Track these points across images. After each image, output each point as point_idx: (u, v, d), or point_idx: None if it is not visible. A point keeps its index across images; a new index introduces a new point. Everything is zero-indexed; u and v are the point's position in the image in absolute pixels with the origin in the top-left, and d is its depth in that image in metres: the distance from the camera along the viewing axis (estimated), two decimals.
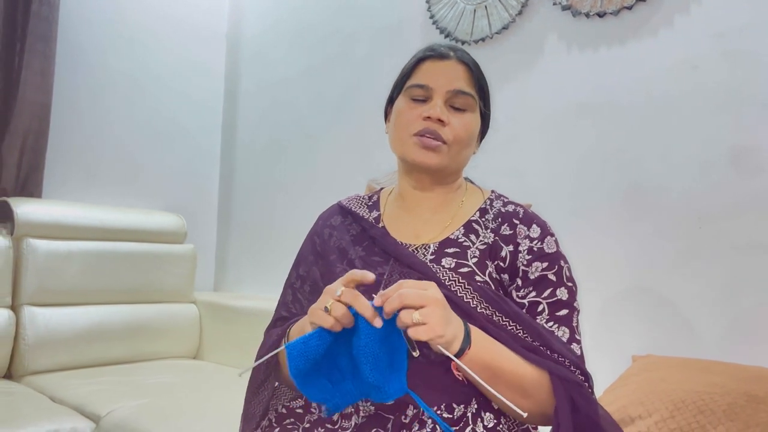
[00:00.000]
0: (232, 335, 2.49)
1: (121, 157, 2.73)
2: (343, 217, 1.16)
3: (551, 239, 1.04)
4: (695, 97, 1.64)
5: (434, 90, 1.01)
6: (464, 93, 1.02)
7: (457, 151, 1.03)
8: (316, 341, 0.83)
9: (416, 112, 1.02)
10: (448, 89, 1.01)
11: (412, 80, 1.04)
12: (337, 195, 2.51)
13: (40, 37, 2.36)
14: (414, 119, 1.01)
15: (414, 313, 0.79)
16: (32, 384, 2.03)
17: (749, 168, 1.55)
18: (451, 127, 1.01)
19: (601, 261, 1.78)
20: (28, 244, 2.18)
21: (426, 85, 1.02)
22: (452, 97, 1.01)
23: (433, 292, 0.82)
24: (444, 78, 1.01)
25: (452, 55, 1.03)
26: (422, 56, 1.04)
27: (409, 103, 1.03)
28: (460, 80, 1.02)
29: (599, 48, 1.82)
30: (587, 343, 1.68)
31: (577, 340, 1.00)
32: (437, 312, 0.80)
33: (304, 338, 0.84)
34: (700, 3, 1.64)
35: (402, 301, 0.79)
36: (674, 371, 1.40)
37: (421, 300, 0.80)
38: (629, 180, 1.75)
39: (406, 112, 1.03)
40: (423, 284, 0.83)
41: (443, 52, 1.04)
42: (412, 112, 1.02)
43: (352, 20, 2.54)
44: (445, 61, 1.03)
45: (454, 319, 0.85)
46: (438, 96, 1.01)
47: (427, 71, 1.03)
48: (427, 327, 0.79)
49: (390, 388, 0.83)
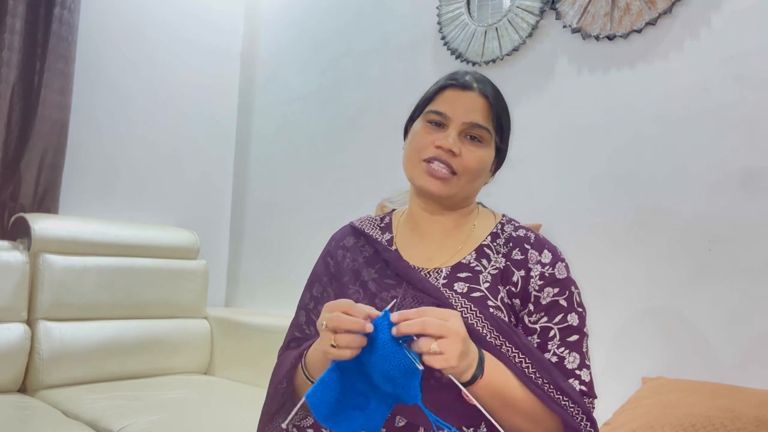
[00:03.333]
0: (243, 351, 2.51)
1: (136, 174, 2.77)
2: (356, 238, 1.18)
3: (562, 264, 1.05)
4: (705, 119, 1.65)
5: (451, 119, 1.03)
6: (480, 126, 1.03)
7: (466, 181, 1.04)
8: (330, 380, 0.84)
9: (430, 138, 1.03)
10: (465, 121, 1.02)
11: (432, 106, 1.05)
12: (349, 212, 2.55)
13: (60, 57, 2.42)
14: (427, 145, 1.03)
15: (433, 343, 0.80)
16: (46, 398, 2.05)
17: (760, 190, 1.56)
18: (462, 158, 1.02)
19: (612, 282, 1.79)
20: (44, 259, 2.21)
21: (444, 113, 1.03)
22: (468, 128, 1.03)
23: (455, 323, 0.83)
24: (462, 109, 1.03)
25: (475, 87, 1.04)
26: (445, 84, 1.06)
27: (425, 128, 1.05)
28: (477, 113, 1.03)
29: (609, 70, 1.84)
30: (598, 363, 1.68)
31: (586, 365, 1.01)
32: (456, 345, 0.81)
33: (319, 382, 0.85)
34: (710, 27, 1.66)
35: (424, 328, 0.81)
36: (684, 395, 1.40)
37: (441, 331, 0.81)
38: (640, 201, 1.76)
39: (420, 137, 1.05)
40: (446, 314, 0.85)
41: (466, 83, 1.05)
42: (426, 138, 1.04)
43: (365, 40, 2.58)
44: (466, 92, 1.04)
45: (472, 350, 0.87)
46: (454, 126, 1.02)
47: (447, 99, 1.04)
48: (442, 357, 0.81)
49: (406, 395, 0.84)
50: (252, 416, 1.20)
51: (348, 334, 0.83)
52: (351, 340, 0.83)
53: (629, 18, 1.77)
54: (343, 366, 0.85)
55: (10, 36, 2.31)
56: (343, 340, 0.83)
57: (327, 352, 0.85)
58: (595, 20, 1.84)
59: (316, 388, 0.85)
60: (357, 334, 0.83)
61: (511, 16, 2.04)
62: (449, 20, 2.21)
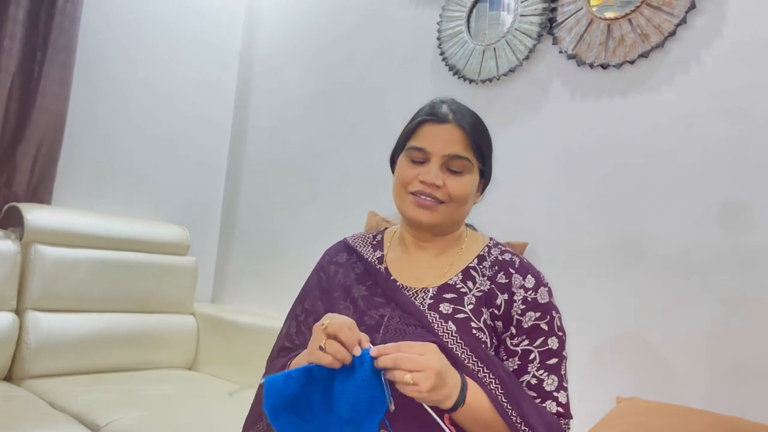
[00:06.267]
0: (228, 349, 2.55)
1: (130, 168, 2.79)
2: (348, 254, 1.22)
3: (545, 289, 1.10)
4: (690, 152, 1.71)
5: (432, 153, 1.08)
6: (459, 157, 1.08)
7: (452, 209, 1.10)
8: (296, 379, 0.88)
9: (414, 172, 1.09)
10: (444, 153, 1.07)
11: (413, 141, 1.10)
12: (340, 218, 2.60)
13: (61, 49, 2.43)
14: (411, 179, 1.09)
15: (407, 375, 0.85)
16: (32, 388, 2.07)
17: (738, 225, 1.61)
18: (446, 189, 1.07)
19: (593, 303, 1.84)
20: (36, 249, 2.23)
21: (424, 149, 1.08)
22: (448, 160, 1.08)
23: (430, 357, 0.87)
24: (441, 143, 1.08)
25: (451, 119, 1.09)
26: (423, 119, 1.10)
27: (408, 163, 1.10)
28: (456, 144, 1.08)
29: (601, 98, 1.89)
30: (575, 381, 1.74)
31: (564, 388, 1.06)
32: (430, 379, 0.85)
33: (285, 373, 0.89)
34: (700, 63, 1.72)
35: (396, 364, 0.85)
36: (656, 417, 1.45)
37: (415, 365, 0.85)
38: (624, 228, 1.82)
39: (405, 172, 1.10)
40: (422, 348, 0.89)
41: (442, 117, 1.09)
42: (410, 172, 1.09)
43: (366, 49, 2.62)
44: (443, 125, 1.09)
45: (450, 380, 0.91)
46: (435, 159, 1.08)
47: (426, 135, 1.09)
48: (414, 388, 0.85)
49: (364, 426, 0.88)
50: (236, 413, 1.24)
51: (338, 345, 0.87)
52: (338, 350, 0.87)
53: (623, 49, 1.82)
54: (315, 374, 0.89)
55: (12, 26, 2.32)
56: (332, 347, 0.87)
57: (312, 352, 0.90)
58: (590, 48, 1.89)
59: (278, 377, 0.89)
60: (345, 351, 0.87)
61: (509, 37, 2.09)
62: (449, 36, 2.26)
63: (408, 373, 0.85)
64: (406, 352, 0.87)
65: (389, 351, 0.87)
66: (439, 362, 0.88)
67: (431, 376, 0.86)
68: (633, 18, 1.80)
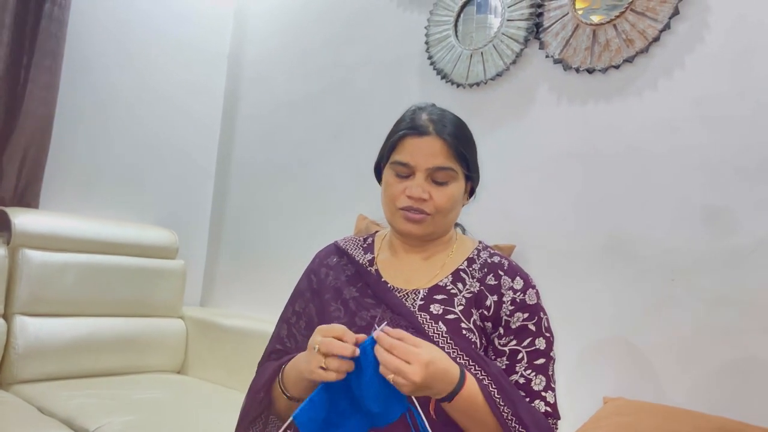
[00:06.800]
0: (217, 352, 2.54)
1: (118, 172, 2.78)
2: (339, 257, 1.23)
3: (533, 291, 1.12)
4: (673, 156, 1.74)
5: (415, 167, 1.08)
6: (443, 168, 1.08)
7: (440, 218, 1.11)
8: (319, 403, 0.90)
9: (400, 187, 1.10)
10: (427, 167, 1.08)
11: (396, 156, 1.11)
12: (328, 221, 2.61)
13: (48, 53, 2.42)
14: (398, 194, 1.10)
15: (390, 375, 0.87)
16: (20, 393, 2.06)
17: (720, 227, 1.65)
18: (433, 200, 1.09)
19: (579, 303, 1.86)
20: (23, 254, 2.22)
21: (407, 163, 1.09)
22: (433, 172, 1.09)
23: (423, 352, 0.89)
24: (423, 156, 1.08)
25: (431, 130, 1.09)
26: (404, 133, 1.10)
27: (394, 178, 1.11)
28: (438, 156, 1.08)
29: (587, 102, 1.92)
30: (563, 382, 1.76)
31: (552, 388, 1.08)
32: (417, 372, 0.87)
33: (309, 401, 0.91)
34: (683, 68, 1.75)
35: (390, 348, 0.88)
36: (642, 417, 1.48)
37: (406, 355, 0.87)
38: (608, 230, 1.84)
39: (392, 186, 1.11)
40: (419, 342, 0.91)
41: (423, 129, 1.09)
42: (397, 187, 1.10)
43: (354, 53, 2.63)
44: (424, 138, 1.08)
45: (446, 375, 0.92)
46: (420, 172, 1.08)
47: (408, 148, 1.09)
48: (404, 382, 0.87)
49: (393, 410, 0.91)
50: (226, 418, 1.24)
51: (337, 359, 0.89)
52: (340, 365, 0.89)
53: (608, 54, 1.85)
54: (331, 386, 0.91)
55: None
56: (333, 365, 0.89)
57: (314, 373, 0.90)
58: (576, 53, 1.92)
59: (304, 407, 0.90)
60: (346, 360, 0.89)
61: (496, 42, 2.11)
62: (437, 41, 2.28)
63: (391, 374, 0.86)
64: (405, 341, 0.89)
65: (392, 335, 0.89)
66: (429, 358, 0.89)
67: (418, 371, 0.87)
68: (618, 23, 1.83)
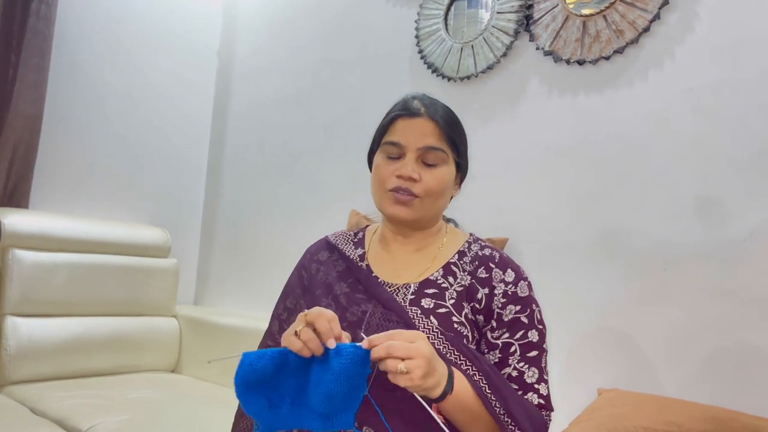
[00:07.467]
0: (211, 351, 2.53)
1: (108, 170, 2.76)
2: (330, 252, 1.23)
3: (524, 283, 1.12)
4: (665, 147, 1.74)
5: (406, 147, 1.09)
6: (434, 148, 1.09)
7: (429, 203, 1.10)
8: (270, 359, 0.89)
9: (390, 168, 1.10)
10: (418, 146, 1.08)
11: (387, 137, 1.12)
12: (320, 218, 2.59)
13: (36, 51, 2.40)
14: (388, 176, 1.09)
15: (400, 363, 0.85)
16: (12, 394, 2.04)
17: (713, 218, 1.65)
18: (423, 182, 1.08)
19: (573, 295, 1.86)
20: (13, 254, 2.20)
21: (398, 143, 1.09)
22: (423, 153, 1.09)
23: (421, 345, 0.89)
24: (414, 135, 1.09)
25: (423, 112, 1.10)
26: (396, 114, 1.11)
27: (384, 160, 1.11)
28: (429, 137, 1.09)
29: (578, 94, 1.92)
30: (557, 374, 1.76)
31: (545, 380, 1.08)
32: (421, 365, 0.87)
33: (264, 352, 0.89)
34: (674, 59, 1.75)
35: (389, 352, 0.86)
36: (636, 408, 1.48)
37: (407, 352, 0.87)
38: (601, 221, 1.84)
39: (381, 168, 1.11)
40: (412, 336, 0.90)
41: (415, 110, 1.10)
42: (387, 169, 1.10)
43: (344, 48, 2.62)
44: (416, 119, 1.09)
45: (439, 369, 0.92)
46: (410, 153, 1.09)
47: (399, 129, 1.10)
48: (407, 377, 0.86)
49: (338, 420, 0.89)
50: (220, 417, 1.24)
51: (312, 334, 0.88)
52: (311, 339, 0.88)
53: (599, 45, 1.85)
54: (292, 360, 0.90)
55: None
56: (306, 335, 0.88)
57: (285, 337, 0.91)
58: (566, 45, 1.92)
59: (257, 354, 0.89)
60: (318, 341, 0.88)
61: (487, 35, 2.10)
62: (427, 35, 2.27)
63: (401, 361, 0.85)
64: (397, 340, 0.88)
65: (381, 340, 0.88)
66: (429, 350, 0.89)
67: (423, 364, 0.87)
68: (608, 14, 1.83)
